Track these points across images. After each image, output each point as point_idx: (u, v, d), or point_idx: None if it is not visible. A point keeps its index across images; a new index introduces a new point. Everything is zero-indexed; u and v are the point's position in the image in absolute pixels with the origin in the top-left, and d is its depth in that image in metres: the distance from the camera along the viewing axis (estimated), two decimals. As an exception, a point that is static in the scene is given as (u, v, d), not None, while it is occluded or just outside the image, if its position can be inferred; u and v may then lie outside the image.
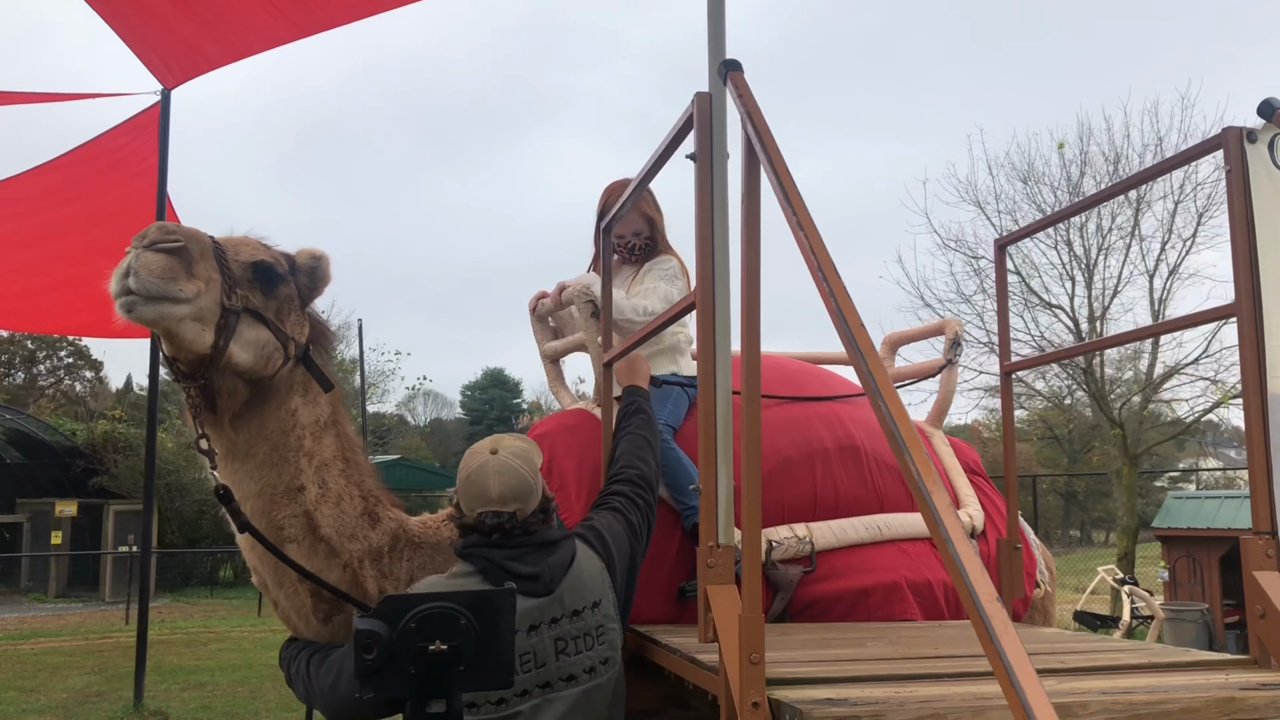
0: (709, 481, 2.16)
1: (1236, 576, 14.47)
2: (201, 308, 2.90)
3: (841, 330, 1.57)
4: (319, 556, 3.19)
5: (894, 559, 3.51)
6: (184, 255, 2.87)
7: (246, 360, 3.04)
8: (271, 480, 3.17)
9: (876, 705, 1.88)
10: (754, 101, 2.04)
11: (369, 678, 2.03)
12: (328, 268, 3.31)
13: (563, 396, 4.20)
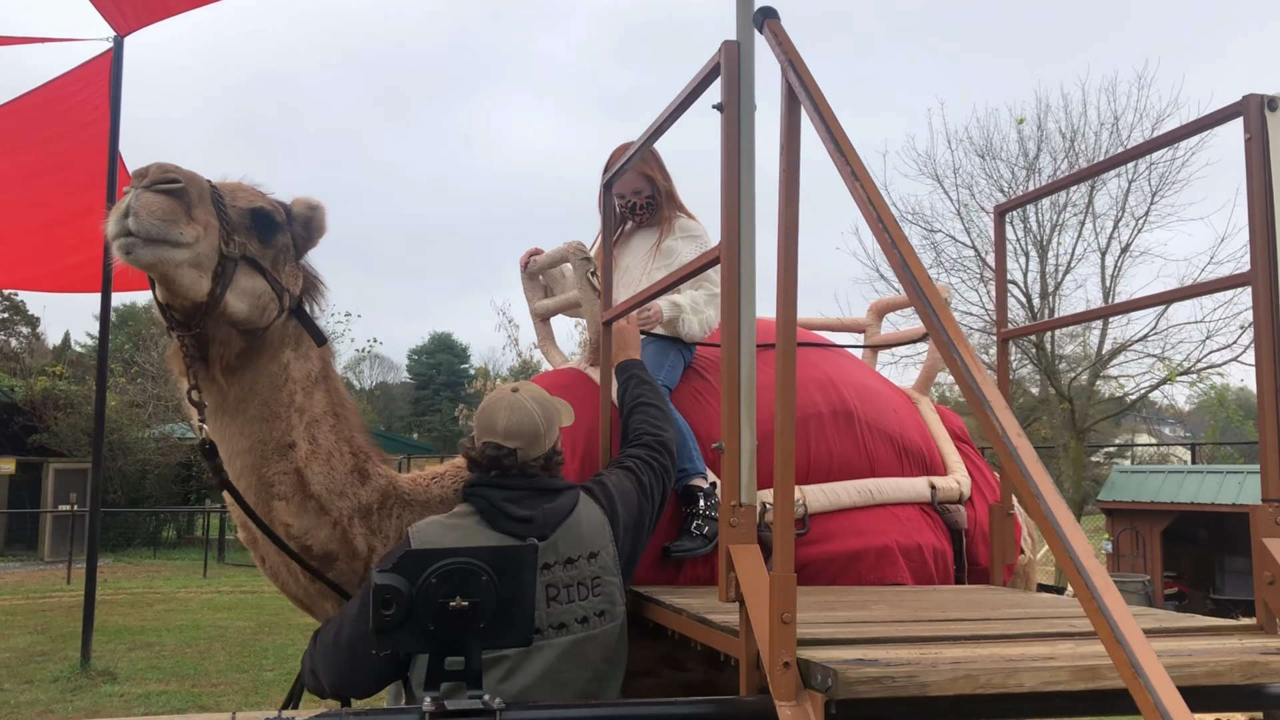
0: (731, 440, 2.12)
1: (1177, 549, 14.84)
2: (199, 253, 2.80)
3: (908, 283, 1.54)
4: (308, 514, 3.12)
5: (885, 523, 3.51)
6: (184, 197, 2.76)
7: (242, 310, 2.95)
8: (262, 436, 3.09)
9: (909, 666, 1.86)
10: (794, 49, 1.98)
11: (386, 634, 1.98)
12: (323, 218, 3.21)
13: (553, 355, 4.14)
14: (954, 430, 4.07)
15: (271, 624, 14.18)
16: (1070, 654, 2.03)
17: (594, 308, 3.63)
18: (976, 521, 3.74)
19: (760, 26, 2.10)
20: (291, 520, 3.10)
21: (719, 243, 2.20)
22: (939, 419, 4.06)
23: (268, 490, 3.10)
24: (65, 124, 11.55)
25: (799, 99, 1.92)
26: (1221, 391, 20.18)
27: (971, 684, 1.86)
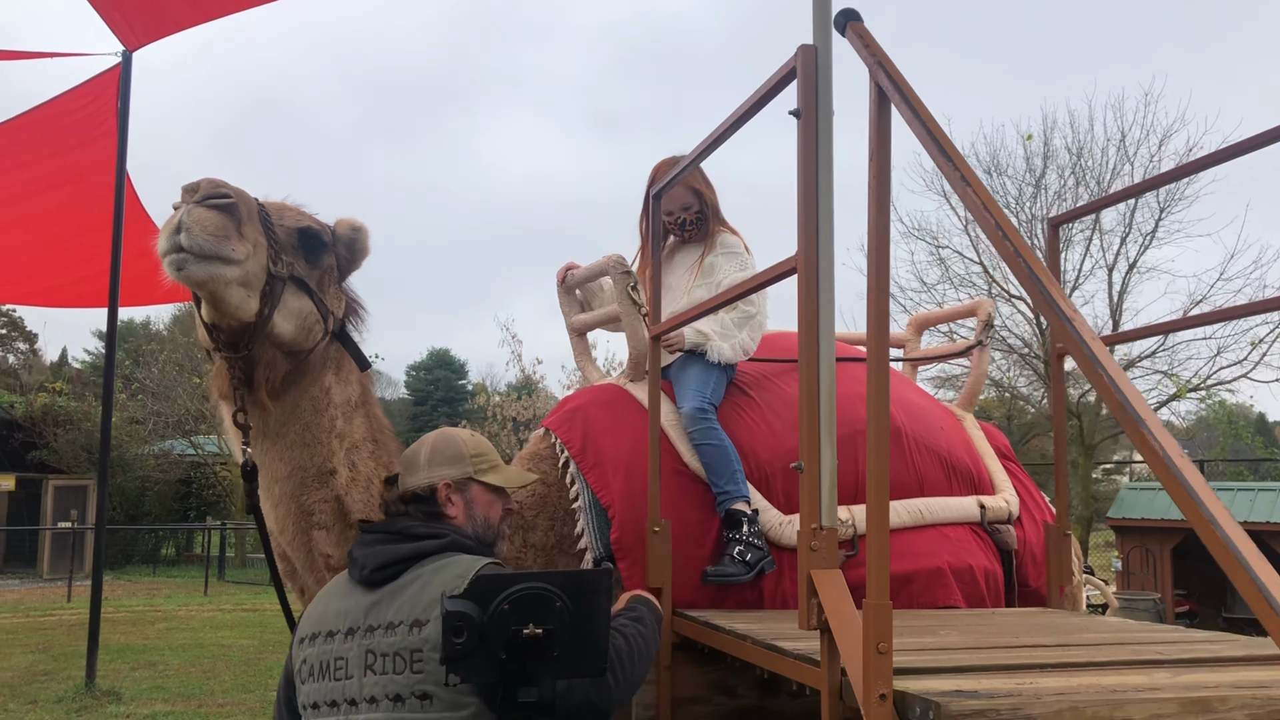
0: (811, 460, 2.03)
1: (1186, 567, 14.76)
2: (249, 271, 2.72)
3: (1038, 293, 1.45)
4: (348, 544, 2.98)
5: (936, 544, 3.41)
6: (234, 214, 2.69)
7: (289, 331, 2.87)
8: (303, 462, 3.00)
9: (1013, 698, 1.76)
10: (882, 50, 1.90)
11: (457, 662, 1.88)
12: (367, 240, 3.12)
13: (590, 371, 4.04)
14: (999, 448, 3.97)
15: (275, 643, 14.03)
16: (1173, 684, 1.93)
17: (634, 323, 3.54)
18: (1025, 542, 3.65)
19: (843, 29, 2.02)
20: (332, 550, 3.02)
21: (794, 254, 2.12)
22: (984, 436, 3.96)
23: (308, 519, 3.02)
24: (71, 139, 11.49)
25: (890, 102, 1.84)
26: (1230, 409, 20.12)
27: (1077, 716, 1.76)
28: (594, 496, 3.35)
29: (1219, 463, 21.56)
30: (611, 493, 3.31)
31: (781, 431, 3.46)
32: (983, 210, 1.58)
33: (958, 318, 4.54)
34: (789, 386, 3.63)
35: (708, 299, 3.38)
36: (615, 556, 3.25)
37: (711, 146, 2.62)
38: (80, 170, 11.67)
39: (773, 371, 3.68)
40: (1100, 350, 1.35)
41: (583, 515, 3.36)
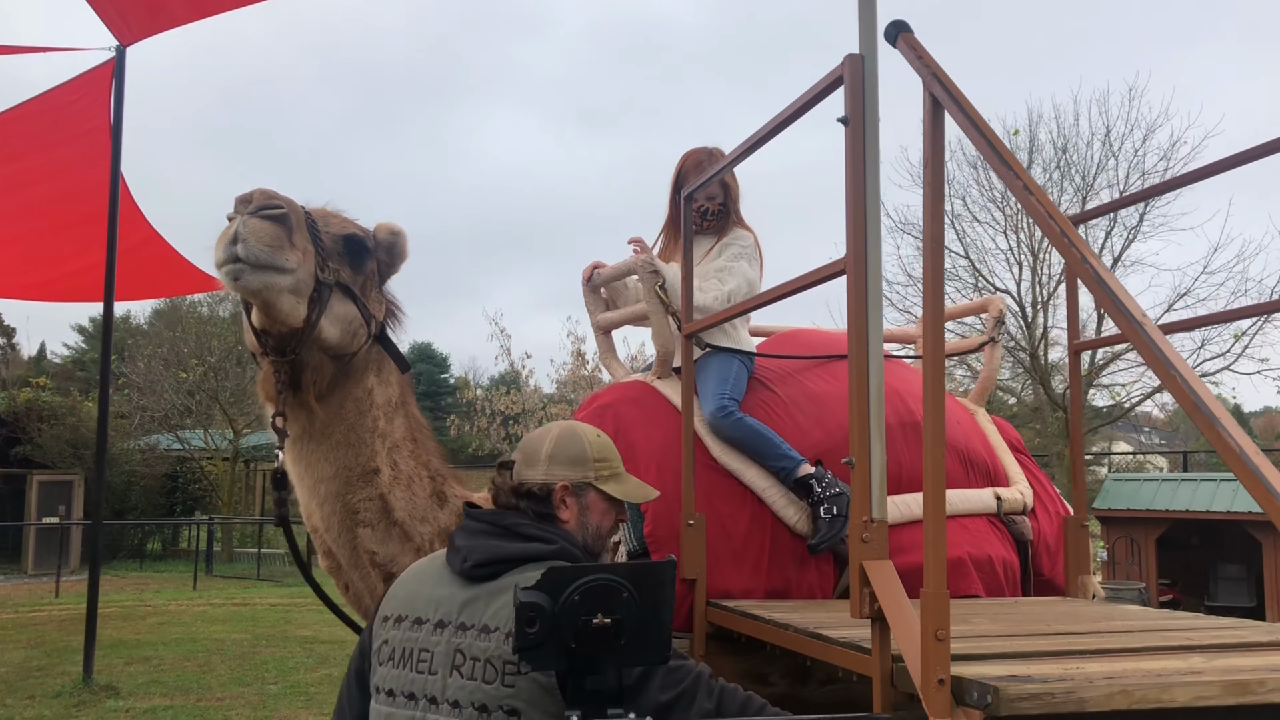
0: (861, 455, 2.11)
1: (1170, 556, 14.94)
2: (299, 279, 2.82)
3: (1105, 299, 1.53)
4: (393, 540, 3.13)
5: (956, 535, 3.50)
6: (286, 223, 2.79)
7: (335, 335, 2.96)
8: (347, 462, 3.09)
9: (1066, 682, 1.85)
10: (935, 61, 1.98)
11: (530, 652, 1.95)
12: (405, 243, 3.22)
13: (615, 368, 4.11)
14: (1011, 441, 4.07)
15: (268, 636, 14.05)
16: (1211, 668, 2.02)
17: (661, 321, 3.61)
18: (1040, 532, 3.75)
19: (893, 40, 2.10)
20: (377, 548, 3.10)
21: (844, 255, 2.19)
22: (997, 430, 4.06)
23: (353, 517, 3.10)
24: (64, 133, 11.46)
25: (944, 110, 1.92)
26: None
27: (1127, 699, 1.85)
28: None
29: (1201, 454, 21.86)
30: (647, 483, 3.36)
31: (806, 426, 3.54)
32: (1048, 219, 1.65)
33: (969, 314, 4.63)
34: (811, 382, 3.71)
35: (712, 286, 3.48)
36: (649, 549, 3.33)
37: (753, 148, 2.70)
38: (72, 164, 11.64)
39: (795, 368, 3.77)
40: (1170, 351, 1.43)
41: None
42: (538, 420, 22.01)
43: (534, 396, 22.57)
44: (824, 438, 3.53)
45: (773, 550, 3.35)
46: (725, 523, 3.33)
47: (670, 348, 3.66)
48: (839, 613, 2.92)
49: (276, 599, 18.88)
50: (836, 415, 3.55)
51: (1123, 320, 1.54)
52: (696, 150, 3.83)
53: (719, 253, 3.77)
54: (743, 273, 3.67)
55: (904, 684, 2.06)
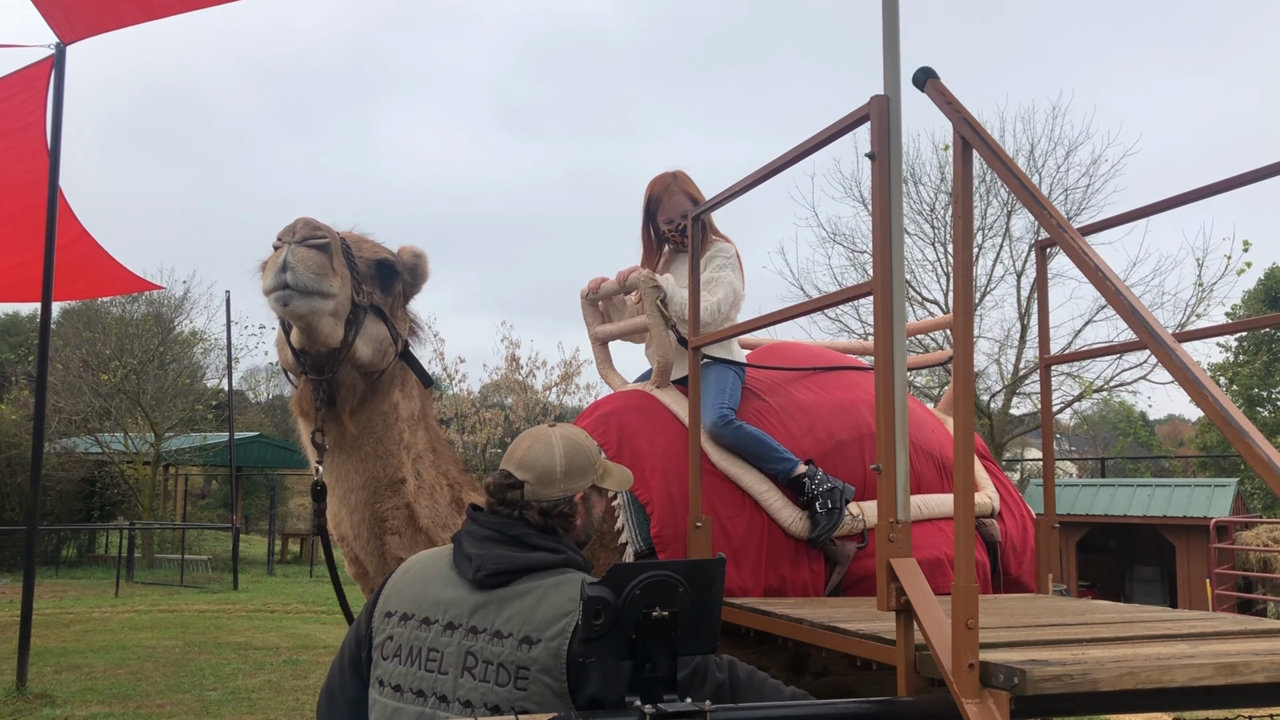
0: (887, 461, 2.31)
1: (1088, 559, 15.51)
2: (339, 303, 3.01)
3: (1139, 326, 1.73)
4: (419, 547, 3.25)
5: (934, 537, 3.73)
6: (328, 251, 2.97)
7: (367, 355, 3.15)
8: (376, 473, 3.26)
9: (1080, 665, 2.06)
10: (961, 104, 2.19)
11: (594, 643, 2.11)
12: (427, 265, 3.38)
13: (612, 379, 4.30)
14: (978, 449, 4.33)
15: (200, 643, 13.86)
16: (1199, 652, 2.26)
17: (662, 334, 3.80)
18: (1007, 534, 4.00)
19: (921, 85, 2.30)
20: (405, 554, 3.22)
21: (871, 277, 2.39)
22: None
23: (381, 525, 3.27)
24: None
25: (973, 149, 2.12)
26: (1130, 409, 21.18)
27: (1134, 680, 2.07)
28: (632, 495, 3.59)
29: (1119, 459, 22.72)
30: (650, 491, 3.56)
31: (797, 433, 3.75)
32: (1084, 255, 1.86)
33: (935, 329, 4.90)
34: (800, 392, 3.93)
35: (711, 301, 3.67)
36: (655, 549, 3.51)
37: (770, 175, 2.88)
38: (8, 160, 11.40)
39: (783, 379, 3.98)
40: (1200, 372, 1.65)
41: (622, 512, 3.61)
42: (470, 424, 22.03)
43: (468, 401, 22.54)
44: (814, 444, 3.75)
45: (769, 550, 3.55)
46: (725, 524, 3.52)
47: (670, 359, 3.87)
48: (843, 608, 3.13)
49: (204, 605, 18.58)
50: (826, 423, 3.78)
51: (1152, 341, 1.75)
52: (662, 175, 4.09)
53: (704, 266, 3.96)
54: (728, 282, 3.87)
55: (928, 670, 2.26)
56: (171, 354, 27.08)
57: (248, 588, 20.99)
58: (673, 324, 3.80)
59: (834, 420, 3.82)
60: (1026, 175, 2.03)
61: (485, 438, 22.21)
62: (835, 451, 3.75)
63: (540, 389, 23.00)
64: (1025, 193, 1.99)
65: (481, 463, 22.46)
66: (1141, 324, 1.76)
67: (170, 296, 27.95)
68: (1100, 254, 2.05)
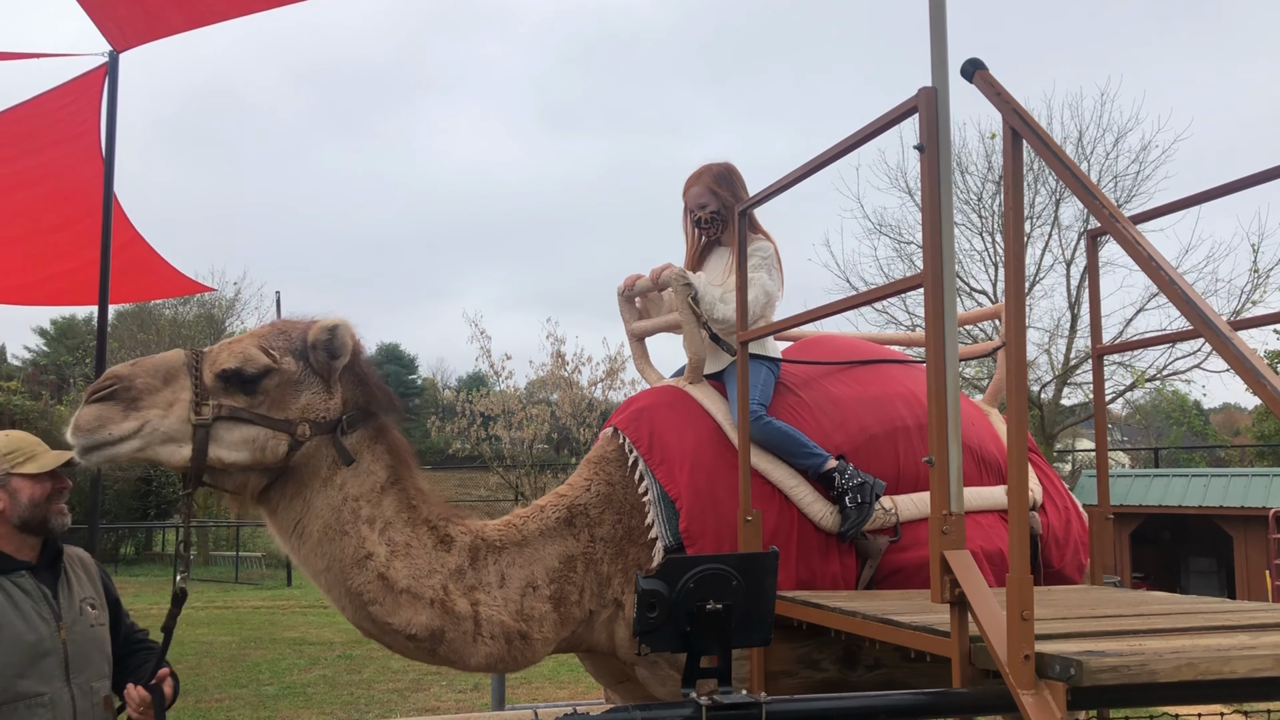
0: (940, 454, 2.30)
1: (1142, 550, 15.31)
2: (162, 430, 3.16)
3: (1195, 316, 1.72)
4: (404, 607, 3.35)
5: (969, 529, 3.67)
6: (121, 396, 3.14)
7: (241, 458, 3.23)
8: (335, 554, 3.33)
9: (1138, 656, 2.05)
10: (1011, 95, 2.18)
11: (649, 634, 2.13)
12: (343, 336, 3.35)
13: (649, 374, 4.33)
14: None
15: (255, 639, 14.10)
16: (1260, 643, 2.23)
17: (694, 330, 3.84)
18: (1049, 526, 3.96)
19: (970, 76, 2.30)
20: (391, 618, 3.33)
21: (921, 270, 2.39)
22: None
23: (359, 599, 3.34)
24: (52, 136, 11.41)
25: (1023, 140, 2.12)
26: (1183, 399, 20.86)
27: (1193, 671, 2.05)
28: (662, 490, 3.62)
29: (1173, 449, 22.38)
30: (678, 486, 3.59)
31: (829, 428, 3.76)
32: (1136, 244, 1.85)
33: (983, 319, 4.86)
34: (835, 387, 3.94)
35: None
36: (684, 544, 3.52)
37: (818, 168, 2.88)
38: (61, 167, 11.61)
39: (818, 373, 3.99)
40: (1257, 359, 1.64)
41: (652, 508, 3.63)
42: (517, 420, 22.16)
43: (514, 397, 22.69)
44: (845, 439, 3.75)
45: (800, 544, 3.56)
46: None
47: (702, 355, 3.90)
48: (895, 601, 3.13)
49: (258, 601, 18.89)
50: (858, 417, 3.79)
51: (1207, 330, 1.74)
52: (697, 168, 4.12)
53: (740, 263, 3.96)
54: (761, 283, 3.87)
55: (982, 662, 2.26)
56: (223, 354, 27.43)
57: (301, 584, 21.27)
58: (704, 320, 3.82)
59: (867, 414, 3.82)
60: (1077, 165, 2.02)
61: (532, 434, 22.33)
62: (868, 445, 3.75)
63: (585, 385, 23.08)
64: (1076, 183, 1.98)
65: (529, 458, 22.59)
66: (1196, 312, 1.75)
67: (221, 298, 28.40)
68: (1152, 241, 2.04)
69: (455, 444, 23.52)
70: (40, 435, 12.51)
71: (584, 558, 3.65)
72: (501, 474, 23.43)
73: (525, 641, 3.49)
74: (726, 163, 4.15)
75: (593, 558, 3.67)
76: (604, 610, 3.67)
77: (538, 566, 3.59)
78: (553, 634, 3.56)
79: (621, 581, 3.65)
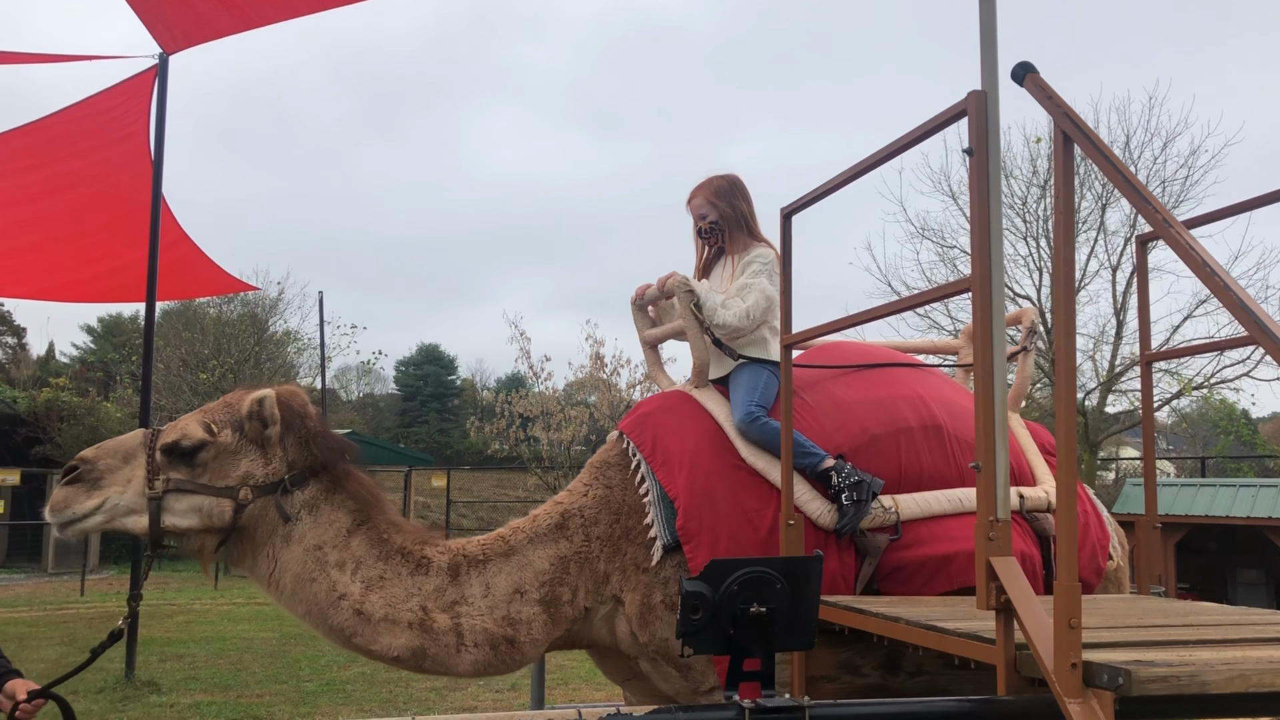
0: (987, 459, 2.29)
1: (1188, 561, 15.08)
2: (122, 504, 3.51)
3: (1249, 321, 1.70)
4: (384, 633, 3.56)
5: (969, 530, 3.70)
6: (86, 478, 3.51)
7: (192, 523, 3.55)
8: (309, 599, 3.57)
9: (1189, 666, 2.02)
10: (1062, 98, 2.16)
11: (692, 636, 2.13)
12: (269, 407, 3.64)
13: (661, 380, 4.46)
14: (1044, 444, 4.27)
15: (295, 635, 14.22)
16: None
17: (697, 336, 3.95)
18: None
19: (1020, 80, 2.28)
20: (373, 645, 3.54)
21: (970, 274, 2.37)
22: (1029, 434, 4.25)
23: (341, 633, 3.56)
24: (102, 137, 11.63)
25: (1074, 143, 2.10)
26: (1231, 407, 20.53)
27: (1245, 683, 2.02)
28: (662, 490, 3.72)
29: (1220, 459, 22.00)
30: (677, 486, 3.68)
31: (830, 429, 3.81)
32: (1189, 249, 1.83)
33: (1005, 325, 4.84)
34: (839, 389, 4.00)
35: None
36: (681, 542, 3.61)
37: (863, 172, 2.87)
38: (108, 168, 11.82)
39: (825, 376, 4.04)
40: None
41: (652, 508, 3.73)
42: (556, 422, 22.23)
43: (553, 398, 22.75)
44: (846, 440, 3.80)
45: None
46: (752, 517, 3.63)
47: (705, 359, 4.01)
48: (939, 607, 3.11)
49: (299, 598, 19.05)
50: (860, 419, 3.83)
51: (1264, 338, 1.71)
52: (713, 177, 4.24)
53: (741, 270, 4.08)
54: (761, 288, 3.96)
55: (1028, 670, 2.24)
56: (266, 353, 27.81)
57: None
58: (707, 326, 3.92)
59: (869, 415, 3.86)
60: (1128, 169, 2.00)
61: (570, 435, 22.39)
62: (869, 446, 3.79)
63: (624, 387, 23.11)
64: (1129, 186, 1.96)
65: (567, 459, 22.65)
66: (1252, 319, 1.72)
67: (265, 297, 28.70)
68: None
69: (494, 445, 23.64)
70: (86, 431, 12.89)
71: (577, 558, 3.77)
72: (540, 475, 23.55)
73: (512, 645, 3.67)
74: (729, 175, 4.28)
75: (588, 557, 3.78)
76: (602, 606, 3.78)
77: (526, 572, 3.73)
78: (543, 635, 3.70)
79: (620, 579, 3.75)
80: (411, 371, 55.16)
